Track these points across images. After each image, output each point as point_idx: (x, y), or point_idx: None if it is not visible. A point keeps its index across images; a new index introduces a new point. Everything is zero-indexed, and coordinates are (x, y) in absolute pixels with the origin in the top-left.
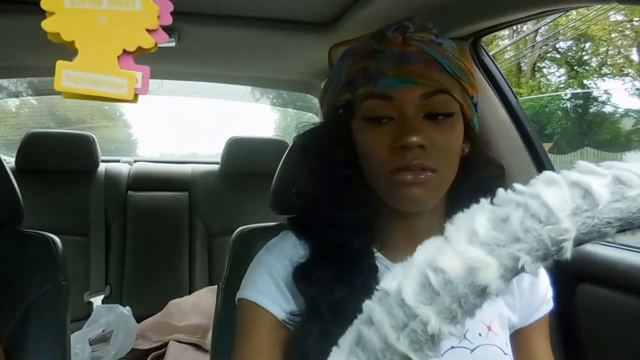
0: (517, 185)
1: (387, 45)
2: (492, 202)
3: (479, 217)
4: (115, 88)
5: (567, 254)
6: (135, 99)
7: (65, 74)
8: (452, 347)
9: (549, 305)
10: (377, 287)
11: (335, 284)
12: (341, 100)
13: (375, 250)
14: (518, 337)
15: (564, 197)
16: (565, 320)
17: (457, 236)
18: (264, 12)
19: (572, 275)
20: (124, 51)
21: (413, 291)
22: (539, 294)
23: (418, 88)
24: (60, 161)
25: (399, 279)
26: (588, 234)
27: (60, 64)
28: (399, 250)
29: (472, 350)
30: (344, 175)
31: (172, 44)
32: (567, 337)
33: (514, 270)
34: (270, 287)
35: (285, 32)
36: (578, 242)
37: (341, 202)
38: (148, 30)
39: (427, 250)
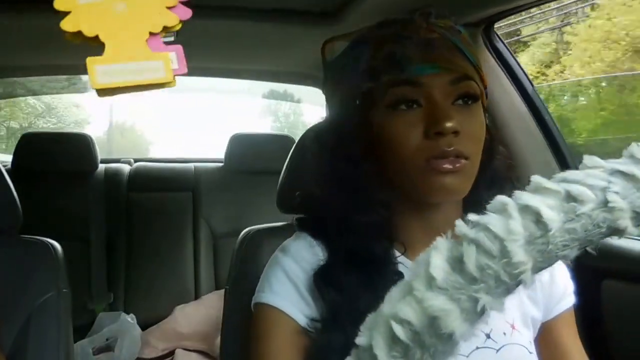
0: (470, 216)
1: (412, 31)
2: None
3: (435, 259)
4: (152, 72)
5: (528, 283)
6: (174, 81)
7: (99, 70)
8: (477, 348)
9: (571, 298)
10: (355, 341)
11: (359, 291)
12: (361, 88)
13: (398, 254)
14: (544, 333)
15: (514, 227)
16: (590, 317)
17: (417, 283)
18: (266, 2)
19: (597, 271)
20: (151, 34)
21: (384, 346)
22: (559, 285)
23: (446, 74)
24: (57, 162)
25: (370, 333)
26: (546, 261)
27: (90, 60)
28: (421, 251)
29: (497, 350)
30: (364, 170)
31: (171, 38)
32: (592, 334)
33: (476, 313)
34: (290, 290)
35: (288, 23)
36: (537, 270)
37: (360, 202)
38: (168, 8)
39: (393, 300)
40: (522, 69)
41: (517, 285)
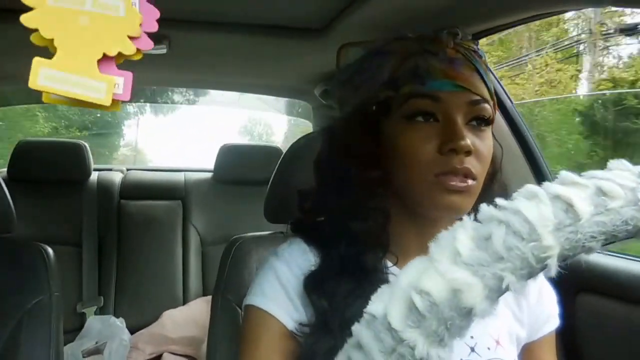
0: (499, 200)
1: (439, 47)
2: (475, 218)
3: (461, 235)
4: (93, 91)
5: (552, 270)
6: (115, 105)
7: (43, 72)
8: None
9: (555, 321)
10: (364, 310)
11: (348, 298)
12: (379, 97)
13: (390, 264)
14: (526, 352)
15: (546, 212)
16: (565, 330)
17: (440, 256)
18: (256, 18)
19: (572, 284)
20: (105, 55)
21: (399, 315)
22: (546, 308)
23: (466, 94)
24: (52, 170)
25: (385, 301)
26: (572, 249)
27: (37, 61)
28: None
29: None
30: (367, 176)
31: (164, 51)
32: (566, 347)
33: (498, 291)
34: (280, 294)
35: (277, 38)
36: (563, 257)
37: (359, 207)
38: (130, 37)
39: (412, 272)
40: (501, 85)
41: (541, 270)
